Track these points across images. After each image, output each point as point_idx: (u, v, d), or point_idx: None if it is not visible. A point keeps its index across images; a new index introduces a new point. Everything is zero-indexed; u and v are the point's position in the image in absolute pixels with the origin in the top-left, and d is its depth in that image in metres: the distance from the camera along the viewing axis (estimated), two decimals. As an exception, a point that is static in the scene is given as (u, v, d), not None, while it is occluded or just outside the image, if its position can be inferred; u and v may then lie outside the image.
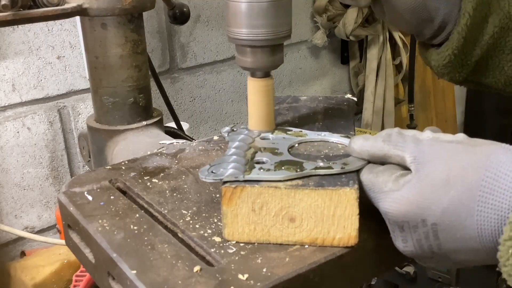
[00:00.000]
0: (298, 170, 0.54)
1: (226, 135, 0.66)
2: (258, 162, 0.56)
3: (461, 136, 0.50)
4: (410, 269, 1.18)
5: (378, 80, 1.92)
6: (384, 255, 0.56)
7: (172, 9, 1.23)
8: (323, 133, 0.64)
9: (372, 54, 1.90)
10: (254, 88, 0.65)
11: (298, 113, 0.74)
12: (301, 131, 0.66)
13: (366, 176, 0.52)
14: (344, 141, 0.62)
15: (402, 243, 0.50)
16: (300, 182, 0.52)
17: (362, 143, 0.54)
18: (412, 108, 1.97)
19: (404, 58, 1.94)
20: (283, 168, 0.54)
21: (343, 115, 0.71)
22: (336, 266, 0.52)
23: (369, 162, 0.55)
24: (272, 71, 0.65)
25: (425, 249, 0.49)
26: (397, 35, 1.93)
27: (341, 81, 2.03)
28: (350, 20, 1.78)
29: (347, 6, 1.80)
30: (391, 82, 1.95)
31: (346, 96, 0.78)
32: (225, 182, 0.52)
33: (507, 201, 0.44)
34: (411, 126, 1.92)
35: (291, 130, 0.66)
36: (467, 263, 0.50)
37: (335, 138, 0.64)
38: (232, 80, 1.67)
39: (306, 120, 0.70)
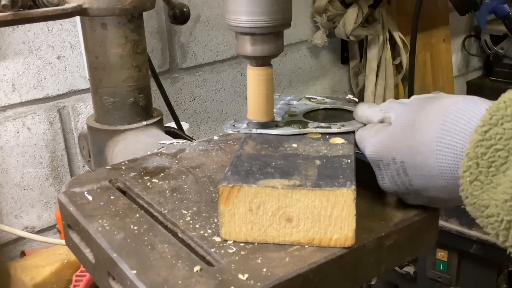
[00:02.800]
0: (300, 127, 0.64)
1: None
2: (273, 121, 0.67)
3: (441, 93, 0.57)
4: (410, 269, 1.18)
5: (378, 80, 1.92)
6: (384, 255, 0.56)
7: (172, 9, 1.23)
8: (340, 102, 0.75)
9: (372, 54, 1.90)
10: (254, 76, 0.64)
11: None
12: (324, 99, 0.76)
13: (358, 132, 0.62)
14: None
15: (381, 180, 0.58)
16: (297, 182, 0.52)
17: (364, 109, 0.64)
18: (412, 108, 1.97)
19: (404, 58, 1.94)
20: (292, 126, 0.65)
21: (343, 115, 0.71)
22: (336, 266, 0.52)
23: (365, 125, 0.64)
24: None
25: (399, 185, 0.56)
26: (397, 35, 1.93)
27: (341, 81, 2.03)
28: (350, 20, 1.78)
29: (347, 6, 1.80)
30: (391, 82, 1.94)
31: (347, 97, 0.78)
32: (223, 182, 0.52)
33: (462, 140, 0.49)
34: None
35: (315, 99, 0.76)
36: (441, 201, 0.56)
37: (348, 106, 0.72)
38: (232, 80, 1.67)
39: (306, 119, 0.70)
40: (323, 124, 0.66)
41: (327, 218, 0.51)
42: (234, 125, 0.67)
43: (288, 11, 0.62)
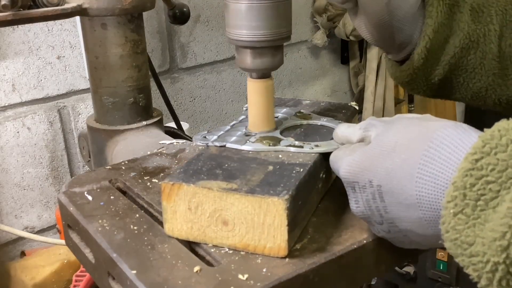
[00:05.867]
0: (271, 144, 0.61)
1: (244, 109, 0.72)
2: (247, 135, 0.64)
3: (427, 115, 0.53)
4: (410, 269, 1.18)
5: (378, 80, 1.92)
6: (384, 255, 0.56)
7: (172, 9, 1.23)
8: (325, 118, 0.69)
9: (372, 54, 1.90)
10: (254, 89, 0.65)
11: None
12: (310, 114, 0.71)
13: (333, 153, 0.57)
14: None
15: (355, 204, 0.52)
16: (235, 186, 0.51)
17: (344, 130, 0.58)
18: (412, 108, 1.97)
19: (404, 58, 1.94)
20: (263, 142, 0.62)
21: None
22: (336, 266, 0.52)
23: None
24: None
25: (373, 211, 0.51)
26: (397, 35, 1.93)
27: (341, 81, 2.03)
28: (350, 20, 1.78)
29: (347, 6, 1.80)
30: (391, 82, 1.94)
31: (349, 104, 0.77)
32: (166, 179, 0.53)
33: (446, 170, 0.44)
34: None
35: (301, 113, 0.71)
36: (414, 236, 0.50)
37: (333, 124, 0.67)
38: (232, 80, 1.67)
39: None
40: (296, 143, 0.61)
41: (260, 226, 0.50)
42: (205, 137, 0.64)
43: (288, 25, 0.62)
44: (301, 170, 0.55)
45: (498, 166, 0.41)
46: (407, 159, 0.47)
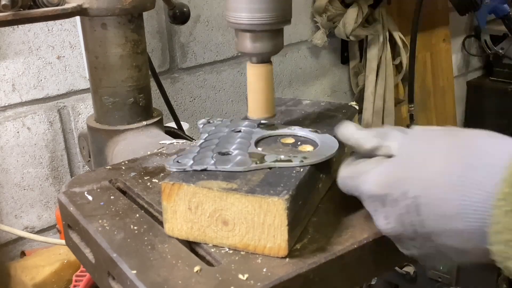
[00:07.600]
0: (258, 162, 0.55)
1: (200, 127, 0.67)
2: (224, 154, 0.58)
3: (451, 127, 0.51)
4: (410, 269, 1.18)
5: (378, 80, 1.92)
6: (384, 255, 0.56)
7: (172, 9, 1.23)
8: (293, 127, 0.65)
9: (372, 54, 1.90)
10: (254, 73, 0.64)
11: (289, 117, 0.72)
12: (273, 124, 0.66)
13: (345, 169, 0.54)
14: (312, 135, 0.63)
15: (384, 220, 0.49)
16: (234, 186, 0.51)
17: (354, 131, 0.55)
18: (412, 108, 1.97)
19: (404, 58, 1.94)
20: (250, 159, 0.56)
21: (331, 123, 0.69)
22: (336, 266, 0.52)
23: (330, 159, 0.56)
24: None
25: (406, 226, 0.47)
26: (397, 35, 1.93)
27: (341, 81, 2.03)
28: (350, 20, 1.78)
29: (347, 6, 1.80)
30: (391, 82, 1.94)
31: (349, 104, 0.77)
32: (166, 179, 0.53)
33: (490, 177, 0.42)
34: (411, 126, 1.93)
35: (263, 124, 0.66)
36: (451, 252, 0.47)
37: (304, 132, 0.64)
38: (232, 80, 1.67)
39: (290, 125, 0.68)
40: (282, 157, 0.56)
41: (261, 226, 0.50)
42: (178, 161, 0.56)
43: (288, 8, 0.62)
44: (301, 170, 0.55)
45: None
46: (446, 167, 0.45)
